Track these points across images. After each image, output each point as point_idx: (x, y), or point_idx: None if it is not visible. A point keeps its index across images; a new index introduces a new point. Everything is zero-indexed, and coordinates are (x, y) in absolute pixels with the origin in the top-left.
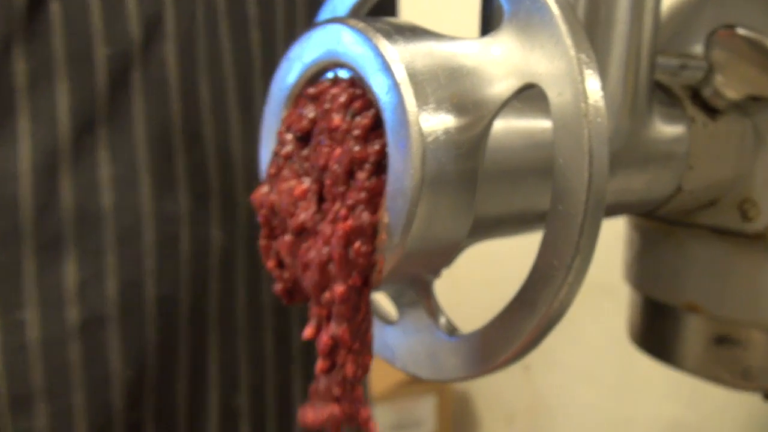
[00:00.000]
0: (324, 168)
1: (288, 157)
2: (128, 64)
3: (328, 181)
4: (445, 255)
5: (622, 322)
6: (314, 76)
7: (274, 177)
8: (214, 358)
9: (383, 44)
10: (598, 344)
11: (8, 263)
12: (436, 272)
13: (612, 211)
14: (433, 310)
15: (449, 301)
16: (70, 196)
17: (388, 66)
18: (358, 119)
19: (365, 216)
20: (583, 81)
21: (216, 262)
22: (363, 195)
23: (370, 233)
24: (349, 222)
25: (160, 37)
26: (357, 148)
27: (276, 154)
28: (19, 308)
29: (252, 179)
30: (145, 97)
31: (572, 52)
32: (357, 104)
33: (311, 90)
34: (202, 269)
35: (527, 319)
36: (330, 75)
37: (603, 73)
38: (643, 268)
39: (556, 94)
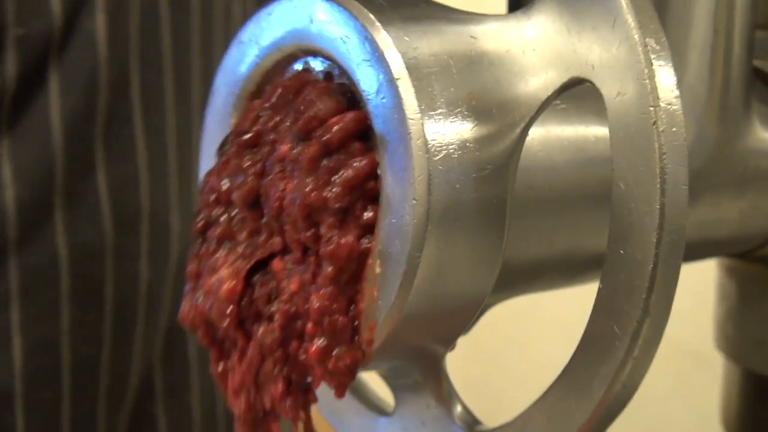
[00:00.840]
0: (278, 212)
1: (221, 239)
2: (46, 47)
3: (286, 232)
4: (461, 317)
5: (716, 404)
6: (275, 66)
7: (197, 273)
8: None
9: (372, 23)
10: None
11: None
12: (448, 342)
13: (695, 252)
14: (444, 395)
15: (465, 380)
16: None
17: (379, 55)
18: (335, 129)
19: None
20: (652, 76)
21: (143, 306)
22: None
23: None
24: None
25: (88, 11)
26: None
27: (200, 232)
28: None
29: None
30: (63, 85)
31: (636, 35)
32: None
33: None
34: (127, 318)
35: (578, 408)
36: (298, 66)
37: (680, 63)
38: (741, 331)
39: (615, 94)
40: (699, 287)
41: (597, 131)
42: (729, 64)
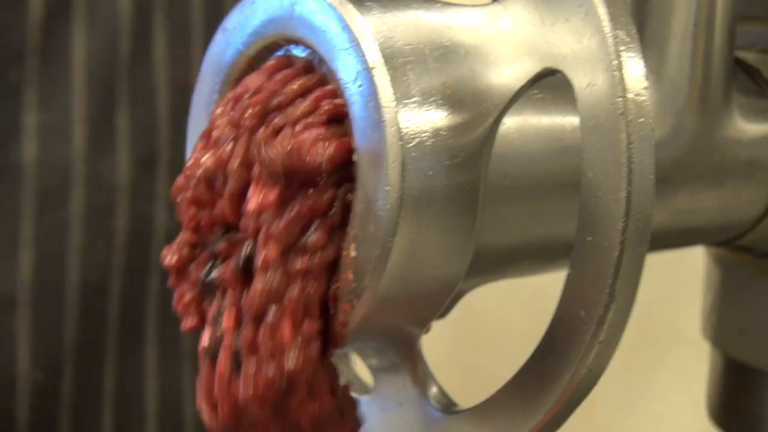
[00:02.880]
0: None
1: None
2: None
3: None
4: (434, 300)
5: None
6: (259, 53)
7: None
8: (151, 372)
9: (351, 13)
10: (677, 419)
11: None
12: (423, 324)
13: (675, 240)
14: (420, 376)
15: (442, 362)
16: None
17: (356, 44)
18: (309, 119)
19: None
20: (621, 67)
21: (159, 250)
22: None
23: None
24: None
25: None
26: (306, 152)
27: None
28: None
29: None
30: (88, 29)
31: (607, 27)
32: (314, 96)
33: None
34: (140, 256)
35: (546, 390)
36: (280, 53)
37: (660, 52)
38: (725, 319)
39: (585, 85)
40: (701, 277)
41: (574, 121)
42: (709, 55)
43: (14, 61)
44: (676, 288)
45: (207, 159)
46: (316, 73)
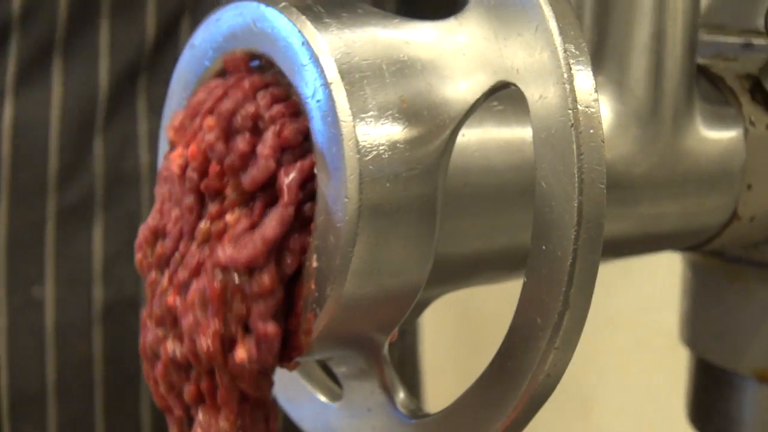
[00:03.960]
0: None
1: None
2: (180, 8)
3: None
4: (396, 308)
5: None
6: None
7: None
8: None
9: (309, 30)
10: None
11: (27, 228)
12: (387, 331)
13: (640, 247)
14: (387, 382)
15: (443, 365)
16: (103, 150)
17: (315, 60)
18: (271, 130)
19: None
20: (571, 80)
21: None
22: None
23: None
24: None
25: None
26: (268, 167)
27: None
28: (37, 284)
29: None
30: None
31: (557, 41)
32: (276, 110)
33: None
34: None
35: (506, 396)
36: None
37: (621, 63)
38: (699, 322)
39: (537, 97)
40: None
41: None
42: (670, 65)
43: (131, 75)
44: (673, 291)
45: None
46: (280, 86)
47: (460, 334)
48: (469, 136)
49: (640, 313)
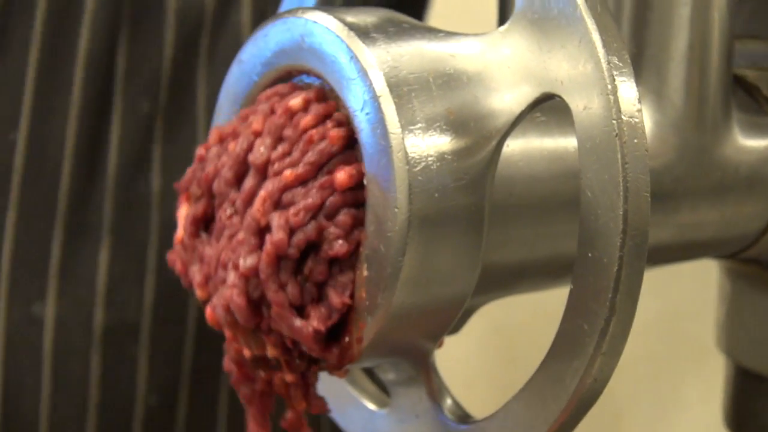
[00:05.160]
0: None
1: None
2: (197, 30)
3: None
4: (444, 316)
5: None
6: (273, 84)
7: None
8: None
9: (357, 45)
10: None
11: (33, 244)
12: (435, 339)
13: (679, 254)
14: (435, 389)
15: (472, 377)
16: (116, 174)
17: (363, 74)
18: (322, 144)
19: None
20: (615, 91)
21: None
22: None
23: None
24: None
25: (237, 5)
26: (322, 180)
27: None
28: (38, 301)
29: None
30: (210, 67)
31: (601, 53)
32: (329, 125)
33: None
34: None
35: (554, 400)
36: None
37: (660, 74)
38: (736, 329)
39: (582, 108)
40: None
41: (575, 143)
42: (707, 75)
43: (148, 94)
44: (705, 300)
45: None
46: (329, 101)
47: (488, 345)
48: (513, 146)
49: (668, 323)
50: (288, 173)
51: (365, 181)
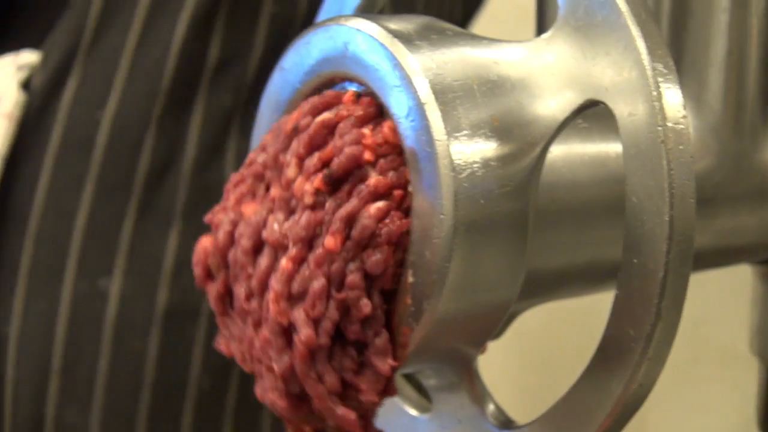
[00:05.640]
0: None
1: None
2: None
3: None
4: (489, 322)
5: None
6: (315, 91)
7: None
8: None
9: (401, 52)
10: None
11: (106, 219)
12: (478, 345)
13: (718, 260)
14: (477, 394)
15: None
16: (193, 160)
17: (408, 81)
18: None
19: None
20: (660, 97)
21: None
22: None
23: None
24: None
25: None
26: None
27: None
28: (104, 276)
29: None
30: None
31: (645, 60)
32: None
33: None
34: None
35: (599, 405)
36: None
37: (699, 80)
38: None
39: (627, 114)
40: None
41: (617, 148)
42: (746, 81)
43: (232, 89)
44: (729, 305)
45: None
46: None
47: (509, 350)
48: (556, 152)
49: (694, 327)
50: (284, 263)
51: (410, 188)
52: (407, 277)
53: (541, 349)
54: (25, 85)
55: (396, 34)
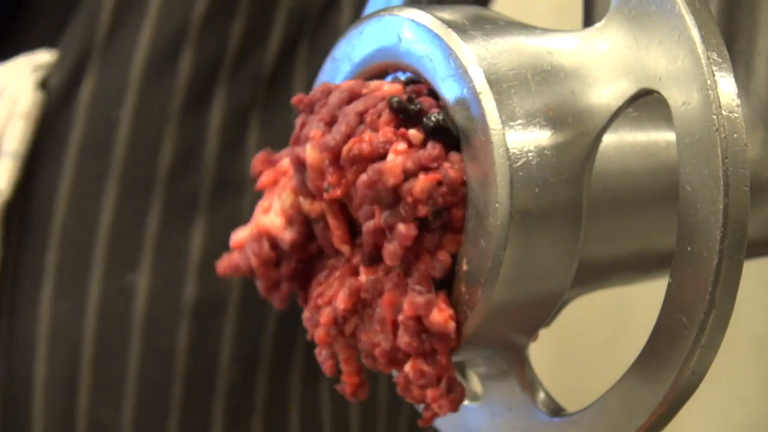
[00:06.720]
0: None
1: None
2: (301, 31)
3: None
4: (542, 310)
5: None
6: (367, 80)
7: None
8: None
9: (456, 41)
10: (763, 427)
11: (132, 216)
12: (531, 333)
13: (762, 249)
14: (528, 382)
15: (547, 369)
16: (215, 154)
17: (462, 71)
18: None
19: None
20: (714, 86)
21: None
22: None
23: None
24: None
25: (337, 7)
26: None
27: None
28: (132, 272)
29: None
30: (308, 71)
31: (700, 49)
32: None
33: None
34: None
35: (651, 393)
36: (388, 80)
37: (747, 69)
38: None
39: (681, 103)
40: None
41: (668, 137)
42: None
43: (250, 85)
44: (764, 296)
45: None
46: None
47: (542, 345)
48: (607, 141)
49: None
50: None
51: (465, 177)
52: (462, 266)
53: (572, 342)
54: (42, 85)
55: (450, 24)
